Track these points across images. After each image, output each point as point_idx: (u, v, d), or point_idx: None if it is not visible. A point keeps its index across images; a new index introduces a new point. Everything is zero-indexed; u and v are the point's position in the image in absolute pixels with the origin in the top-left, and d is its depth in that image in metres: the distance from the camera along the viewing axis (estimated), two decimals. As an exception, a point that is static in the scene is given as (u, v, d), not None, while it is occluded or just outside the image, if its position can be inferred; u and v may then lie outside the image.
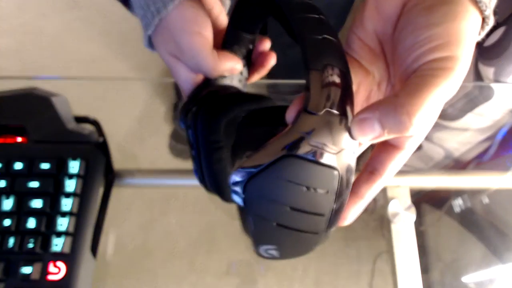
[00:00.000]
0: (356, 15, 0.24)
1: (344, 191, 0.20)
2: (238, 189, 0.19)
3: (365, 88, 0.24)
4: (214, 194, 0.31)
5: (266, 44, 0.34)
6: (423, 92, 0.17)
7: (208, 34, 0.29)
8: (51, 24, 1.42)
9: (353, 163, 0.20)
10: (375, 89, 0.24)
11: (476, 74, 0.58)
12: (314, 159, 0.18)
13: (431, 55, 0.19)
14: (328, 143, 0.18)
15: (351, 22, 0.24)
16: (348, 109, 0.19)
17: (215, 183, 0.30)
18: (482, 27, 0.21)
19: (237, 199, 0.20)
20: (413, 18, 0.20)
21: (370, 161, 0.23)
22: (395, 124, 0.18)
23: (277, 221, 0.20)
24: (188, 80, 0.31)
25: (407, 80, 0.19)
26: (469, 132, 0.65)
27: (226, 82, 0.33)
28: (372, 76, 0.24)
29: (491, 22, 0.21)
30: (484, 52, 0.54)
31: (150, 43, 0.31)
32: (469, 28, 0.19)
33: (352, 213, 0.23)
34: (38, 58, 1.36)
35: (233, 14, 0.31)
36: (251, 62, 0.35)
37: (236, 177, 0.19)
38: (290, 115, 0.19)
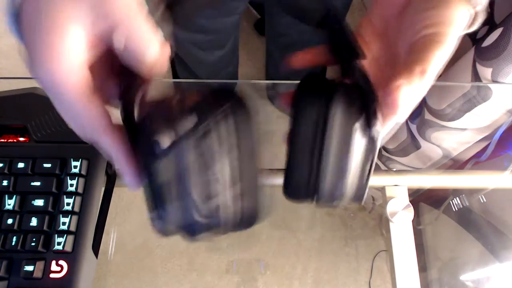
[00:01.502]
0: (371, 3, 0.29)
1: None
2: None
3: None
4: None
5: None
6: (430, 51, 0.23)
7: None
8: (52, 24, 1.42)
9: None
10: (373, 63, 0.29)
11: (474, 74, 0.58)
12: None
13: (427, 30, 0.24)
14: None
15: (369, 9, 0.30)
16: None
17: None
18: (476, 19, 0.26)
19: None
20: (415, 5, 0.26)
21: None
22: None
23: None
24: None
25: (409, 47, 0.24)
26: (467, 132, 0.65)
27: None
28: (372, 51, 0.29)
29: (482, 16, 0.25)
30: (482, 53, 0.55)
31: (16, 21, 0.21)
32: (457, 15, 0.24)
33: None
34: (38, 58, 1.36)
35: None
36: None
37: None
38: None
